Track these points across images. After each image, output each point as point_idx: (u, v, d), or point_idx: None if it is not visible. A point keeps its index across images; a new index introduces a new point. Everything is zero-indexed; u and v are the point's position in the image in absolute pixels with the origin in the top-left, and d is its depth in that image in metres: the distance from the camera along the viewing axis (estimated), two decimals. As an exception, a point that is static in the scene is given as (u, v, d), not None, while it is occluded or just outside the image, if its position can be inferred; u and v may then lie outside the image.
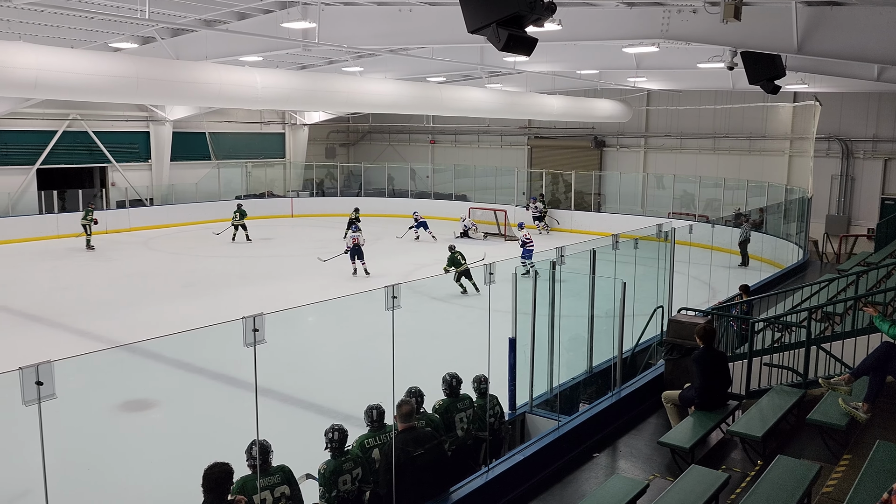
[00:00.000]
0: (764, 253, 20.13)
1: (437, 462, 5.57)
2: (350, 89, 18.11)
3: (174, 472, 7.61)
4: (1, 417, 8.44)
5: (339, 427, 5.39)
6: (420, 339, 12.34)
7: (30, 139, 25.43)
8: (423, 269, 19.19)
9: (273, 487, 4.88)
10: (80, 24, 16.19)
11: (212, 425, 9.11)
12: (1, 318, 14.26)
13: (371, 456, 5.61)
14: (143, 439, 9.15)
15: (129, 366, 11.08)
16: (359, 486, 5.39)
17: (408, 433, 5.46)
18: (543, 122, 30.50)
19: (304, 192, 33.53)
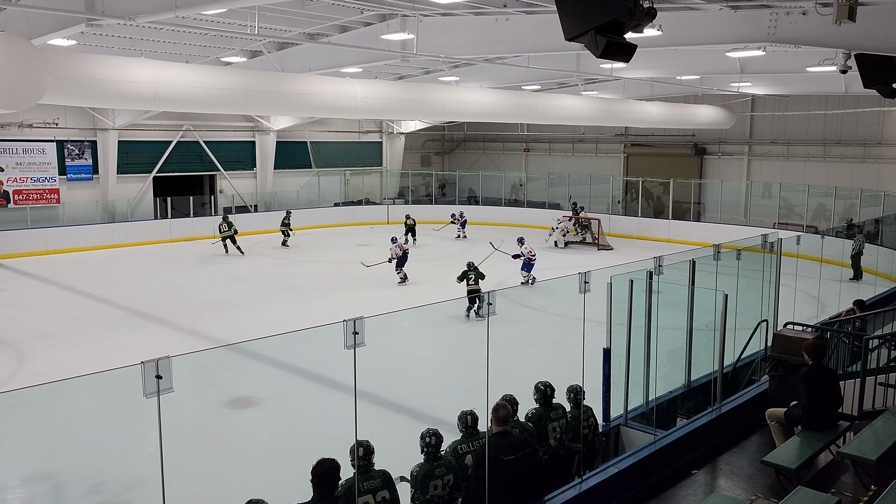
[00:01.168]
0: (879, 266, 18.96)
1: (530, 468, 5.56)
2: (446, 98, 18.36)
3: (276, 468, 7.93)
4: (120, 409, 9.04)
5: (435, 431, 5.46)
6: (512, 346, 12.34)
7: (147, 149, 27.12)
8: (516, 278, 19.15)
9: (375, 491, 4.96)
10: (195, 40, 17.15)
11: (311, 425, 9.42)
12: (122, 317, 15.24)
13: (464, 462, 5.66)
14: (246, 435, 9.56)
15: (234, 364, 11.62)
16: (450, 492, 5.43)
17: (502, 437, 5.48)
18: (641, 129, 29.90)
19: (399, 199, 34.16)
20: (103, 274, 19.95)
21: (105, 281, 18.93)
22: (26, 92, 10.62)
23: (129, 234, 24.87)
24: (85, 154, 25.61)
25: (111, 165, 25.78)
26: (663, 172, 28.81)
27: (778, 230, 18.58)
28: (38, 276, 19.67)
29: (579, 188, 31.58)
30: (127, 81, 12.52)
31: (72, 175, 25.36)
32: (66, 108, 24.05)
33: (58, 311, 15.67)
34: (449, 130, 36.23)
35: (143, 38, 16.69)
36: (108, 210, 25.99)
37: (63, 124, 24.44)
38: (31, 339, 13.35)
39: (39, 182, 24.51)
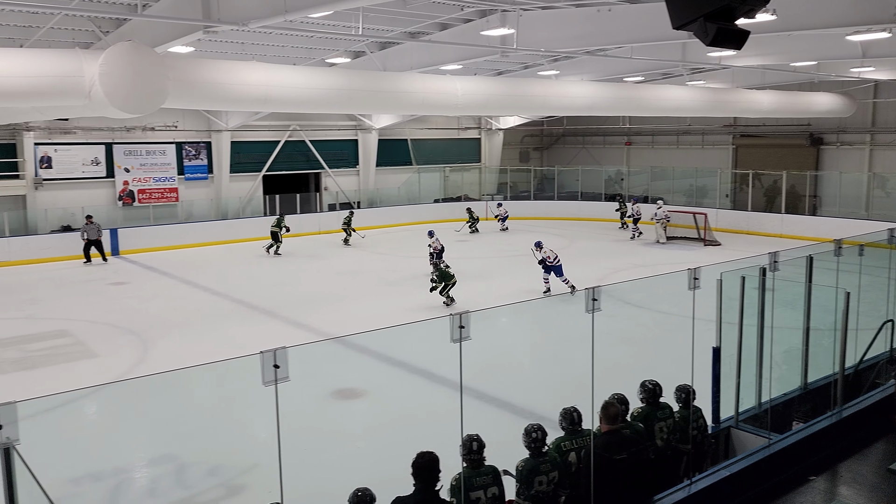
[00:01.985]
0: None
1: (639, 468, 5.46)
2: (546, 93, 18.22)
3: (380, 459, 8.13)
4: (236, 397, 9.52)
5: (540, 427, 5.44)
6: (615, 344, 12.13)
7: (257, 149, 28.37)
8: (618, 273, 18.81)
9: (486, 487, 4.98)
10: (302, 42, 17.78)
11: (414, 418, 9.60)
12: (235, 309, 16.03)
13: (568, 459, 5.61)
14: (352, 426, 9.86)
15: (340, 356, 11.99)
16: (554, 489, 5.41)
17: (611, 436, 5.41)
18: (751, 120, 28.59)
19: (498, 195, 34.16)
20: (218, 268, 21.02)
21: (219, 275, 19.93)
22: (151, 97, 11.33)
23: (240, 230, 26.07)
24: (201, 154, 27.07)
25: (224, 165, 27.14)
26: (776, 164, 27.48)
27: (904, 225, 17.36)
28: (159, 269, 20.95)
29: (684, 182, 30.60)
30: (240, 84, 13.12)
31: (189, 175, 26.88)
32: (184, 112, 25.50)
33: (177, 303, 16.65)
34: (548, 125, 35.89)
35: (254, 42, 17.45)
36: (221, 208, 27.36)
37: (181, 127, 25.93)
38: (154, 328, 14.24)
39: (160, 182, 26.11)
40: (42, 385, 10.77)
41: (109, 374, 11.50)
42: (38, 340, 13.58)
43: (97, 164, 24.90)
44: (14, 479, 3.41)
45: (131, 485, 8.20)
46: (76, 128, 23.99)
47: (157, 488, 8.05)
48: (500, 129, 34.57)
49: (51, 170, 23.98)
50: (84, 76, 10.92)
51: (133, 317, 15.19)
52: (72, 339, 13.62)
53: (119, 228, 23.96)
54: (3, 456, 3.31)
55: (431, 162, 33.34)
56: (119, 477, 8.27)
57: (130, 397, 10.12)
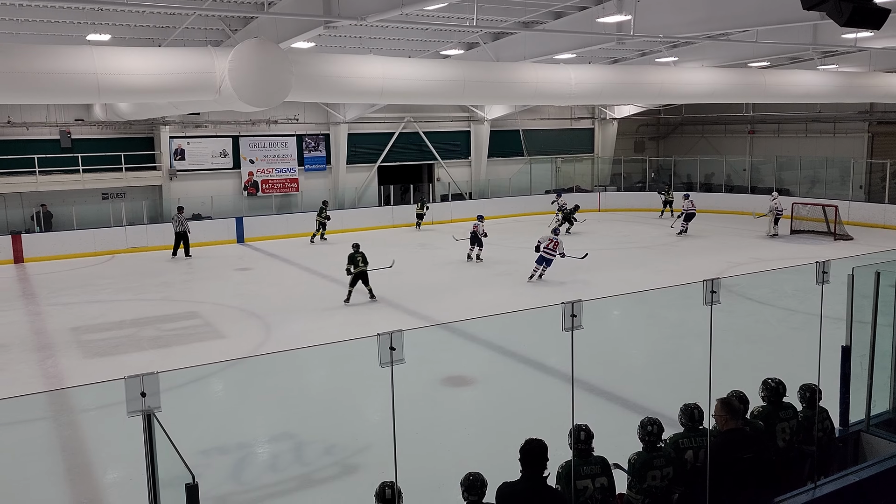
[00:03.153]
0: None
1: (761, 468, 5.27)
2: (664, 80, 17.68)
3: (488, 446, 8.22)
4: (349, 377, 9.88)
5: (656, 420, 5.34)
6: (734, 340, 11.66)
7: (373, 140, 29.14)
8: (737, 268, 18.04)
9: (594, 477, 4.97)
10: (417, 35, 18.08)
11: (523, 406, 9.62)
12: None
13: (684, 457, 5.48)
14: (460, 412, 10.01)
15: (450, 344, 12.18)
16: (668, 485, 5.30)
17: (733, 434, 5.24)
18: (890, 106, 26.55)
19: (611, 186, 33.47)
20: (334, 256, 21.75)
21: (335, 263, 20.63)
22: (276, 91, 11.90)
23: (356, 219, 26.90)
24: (319, 146, 28.12)
25: (342, 156, 28.07)
26: (917, 153, 25.44)
27: None
28: (280, 256, 21.98)
29: (812, 172, 28.87)
30: (358, 77, 13.54)
31: (308, 166, 28.00)
32: (305, 105, 26.56)
33: (297, 289, 17.42)
34: (665, 114, 34.73)
35: (371, 36, 17.91)
36: (338, 198, 28.32)
37: (302, 120, 27.01)
38: (276, 312, 14.97)
39: (282, 173, 27.35)
40: (176, 362, 11.58)
41: (236, 353, 12.23)
42: (172, 321, 14.60)
43: (225, 156, 26.38)
44: (154, 444, 3.73)
45: (254, 459, 8.70)
46: (206, 122, 25.50)
47: (278, 464, 8.48)
48: (615, 119, 33.81)
49: (184, 161, 25.64)
50: (215, 72, 11.62)
51: (257, 301, 16.02)
52: (202, 320, 14.55)
53: (244, 217, 25.32)
54: (146, 421, 3.63)
55: (543, 152, 33.07)
56: (243, 451, 8.79)
57: (254, 376, 10.72)
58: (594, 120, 34.30)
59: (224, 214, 25.64)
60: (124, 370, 3.75)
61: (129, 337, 13.46)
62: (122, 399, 3.50)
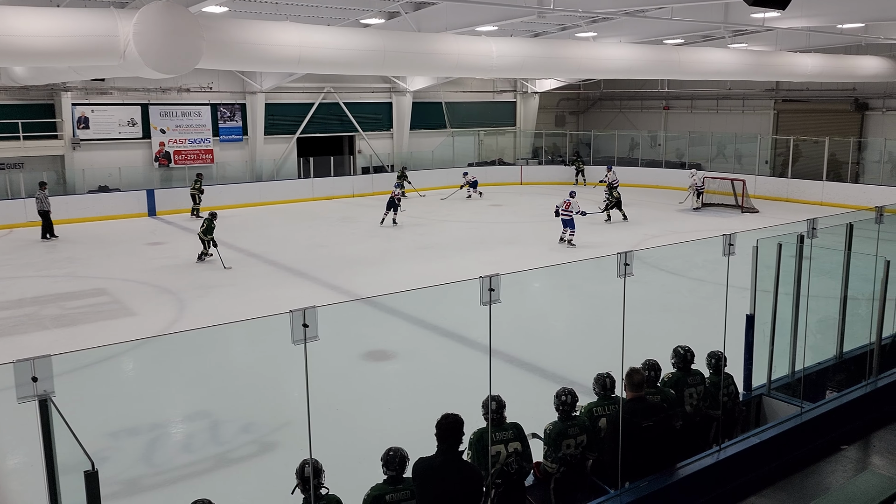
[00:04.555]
0: None
1: (666, 435, 5.45)
2: (583, 55, 17.87)
3: (409, 419, 8.22)
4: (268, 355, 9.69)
5: (570, 391, 5.46)
6: (649, 310, 12.04)
7: (292, 111, 28.41)
8: (652, 240, 18.61)
9: (507, 442, 5.08)
10: (336, 2, 17.63)
11: (444, 379, 9.69)
12: (269, 271, 16.23)
13: (598, 425, 5.62)
14: (382, 387, 9.98)
15: (371, 318, 12.10)
16: (582, 451, 5.43)
17: (636, 403, 5.39)
18: (794, 84, 27.77)
19: (533, 159, 33.85)
20: (252, 230, 21.26)
21: (254, 237, 20.17)
22: (185, 57, 11.36)
23: (274, 192, 26.29)
24: (235, 116, 27.21)
25: (259, 127, 27.26)
26: (818, 130, 26.71)
27: (952, 193, 16.80)
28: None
29: (723, 147, 29.98)
30: (273, 45, 13.09)
31: (224, 136, 27.07)
32: (219, 73, 25.60)
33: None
34: (584, 89, 35.27)
35: (288, 2, 17.35)
36: (255, 170, 27.57)
37: (216, 88, 26.04)
38: (191, 288, 14.51)
39: (196, 143, 26.36)
40: (81, 341, 11.08)
41: (146, 331, 11.78)
42: (77, 298, 13.93)
43: (133, 125, 25.18)
44: (52, 430, 3.51)
45: (167, 440, 8.44)
46: (112, 88, 24.24)
47: (192, 444, 8.26)
48: (536, 93, 34.10)
49: (88, 130, 24.33)
50: (119, 36, 10.99)
51: (169, 276, 15.48)
52: (110, 297, 13.95)
53: (156, 189, 24.33)
54: (40, 408, 3.41)
55: (466, 125, 33.08)
56: (155, 432, 8.51)
57: (167, 354, 10.36)
58: (516, 93, 34.50)
59: (133, 186, 24.55)
60: (24, 351, 3.53)
61: (29, 316, 12.77)
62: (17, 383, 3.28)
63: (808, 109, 28.63)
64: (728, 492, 5.62)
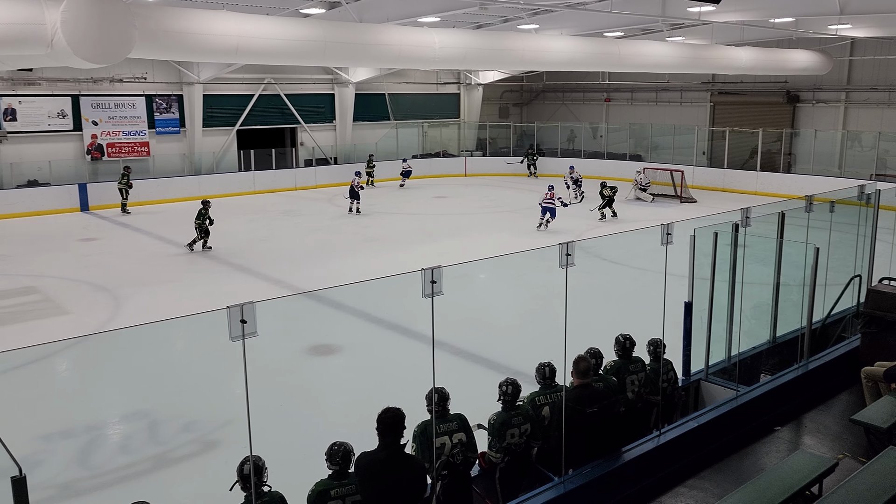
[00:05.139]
0: None
1: (610, 421, 5.54)
2: (525, 47, 17.95)
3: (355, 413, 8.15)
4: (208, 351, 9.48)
5: (513, 381, 5.49)
6: (593, 299, 12.22)
7: (231, 103, 27.79)
8: (595, 230, 18.90)
9: (451, 433, 5.09)
10: (275, -8, 17.28)
11: (389, 372, 9.64)
12: (209, 266, 15.88)
13: (541, 413, 5.68)
14: (327, 381, 9.88)
15: (316, 313, 11.96)
16: (527, 440, 5.48)
17: (582, 390, 5.47)
18: (729, 77, 28.53)
19: (477, 151, 33.96)
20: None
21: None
22: (116, 46, 10.96)
23: (214, 185, 25.71)
24: (172, 108, 26.48)
25: (197, 119, 26.59)
26: (752, 122, 27.54)
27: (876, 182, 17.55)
28: (131, 225, 20.65)
29: (662, 139, 30.62)
30: (210, 34, 12.76)
31: (160, 128, 26.32)
32: (154, 63, 24.85)
33: (150, 260, 16.45)
34: (527, 81, 35.53)
35: (225, -9, 16.94)
36: (194, 163, 26.91)
37: (151, 79, 25.29)
38: (127, 285, 14.08)
39: (130, 136, 25.56)
40: (11, 342, 10.62)
41: (80, 330, 11.39)
42: (6, 297, 13.38)
43: (63, 117, 24.26)
44: (-24, 435, 3.35)
45: (103, 442, 8.18)
46: (40, 79, 23.30)
47: (130, 445, 8.03)
48: (480, 85, 34.19)
49: (15, 122, 23.34)
50: (46, 24, 10.53)
51: (104, 273, 15.00)
52: (41, 295, 13.44)
53: (88, 183, 23.52)
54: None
55: (410, 117, 32.95)
56: (91, 434, 8.24)
57: (102, 354, 10.04)
58: (460, 85, 34.52)
59: (64, 181, 23.67)
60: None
61: (-45, 316, 12.22)
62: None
63: (742, 102, 29.49)
64: (668, 475, 5.75)
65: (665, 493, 5.58)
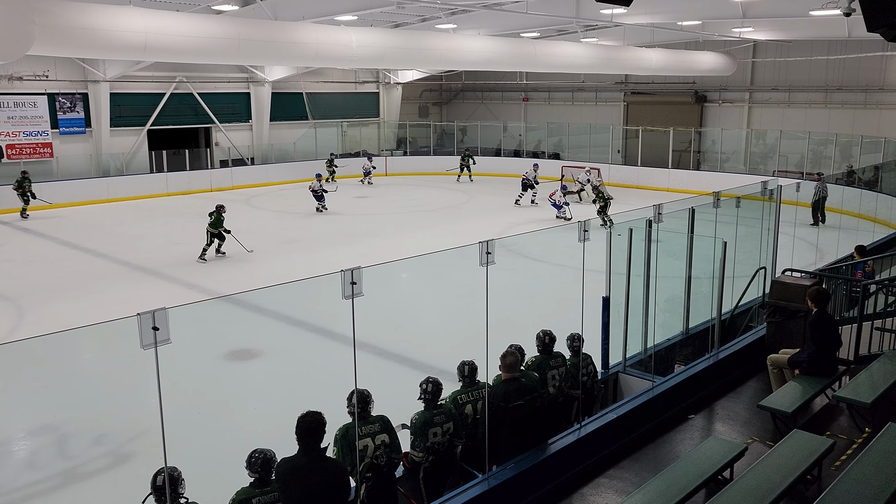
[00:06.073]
0: (878, 213, 18.93)
1: (535, 414, 5.61)
2: (443, 46, 18.03)
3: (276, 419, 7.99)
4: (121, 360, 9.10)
5: (433, 380, 5.50)
6: (514, 296, 12.38)
7: (141, 102, 26.75)
8: (516, 228, 19.15)
9: (374, 435, 5.04)
10: (185, -12, 16.74)
11: (312, 376, 9.50)
12: (119, 271, 15.24)
13: (464, 411, 5.70)
14: (247, 387, 9.64)
15: (234, 317, 11.65)
16: (450, 439, 5.50)
17: (510, 384, 5.52)
18: (641, 78, 29.48)
19: (397, 150, 33.88)
20: (100, 229, 19.90)
21: (102, 236, 18.89)
22: (14, 44, 10.40)
23: (124, 188, 24.73)
24: (77, 107, 25.26)
25: (104, 118, 25.45)
26: (664, 121, 28.53)
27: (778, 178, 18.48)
28: (35, 231, 19.61)
29: (579, 137, 31.33)
30: (116, 31, 12.26)
31: (64, 129, 25.05)
32: (56, 60, 23.67)
33: (56, 266, 15.67)
34: (447, 80, 35.72)
35: (132, -14, 16.28)
36: (102, 164, 25.77)
37: (53, 76, 24.07)
38: (31, 293, 13.37)
39: (32, 136, 24.24)
40: None
41: (-20, 342, 10.72)
42: None
43: (-42, 117, 22.82)
44: None
45: (8, 458, 7.74)
46: (-68, 76, 21.86)
47: (37, 461, 7.63)
48: (399, 84, 34.12)
49: None
50: (-66, 17, 9.89)
51: (7, 282, 14.19)
52: (-64, 306, 12.61)
53: (-13, 187, 22.21)
54: None
55: (328, 116, 32.55)
56: (-6, 451, 7.78)
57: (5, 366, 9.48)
58: (379, 84, 34.35)
59: (-39, 184, 22.27)
60: None
61: None
62: None
63: (654, 101, 30.50)
64: (589, 467, 5.88)
65: (586, 485, 5.70)
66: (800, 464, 5.04)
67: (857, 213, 19.09)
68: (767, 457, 5.17)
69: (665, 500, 4.72)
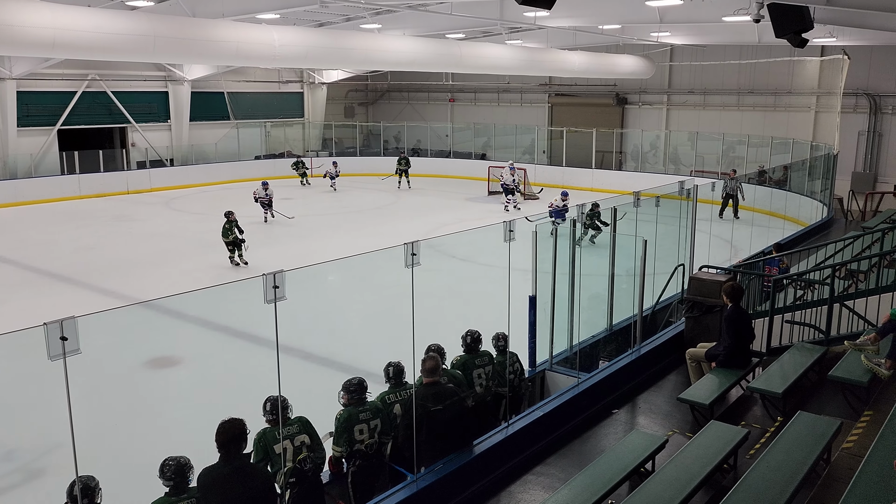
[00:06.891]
0: (788, 211, 19.85)
1: (458, 417, 5.61)
2: (368, 46, 17.90)
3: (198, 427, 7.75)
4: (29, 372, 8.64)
5: (357, 378, 5.46)
6: (441, 297, 12.39)
7: (50, 100, 25.51)
8: (444, 228, 19.19)
9: (293, 437, 4.97)
10: (97, -18, 16.04)
11: (235, 382, 9.25)
12: (28, 278, 14.50)
13: (392, 411, 5.66)
14: (167, 396, 9.32)
15: (153, 324, 11.25)
16: (378, 438, 5.44)
17: (430, 388, 5.50)
18: (564, 80, 30.03)
19: (323, 151, 33.46)
20: (7, 233, 18.89)
21: (9, 241, 17.94)
22: None
23: (33, 190, 23.55)
24: (-20, 106, 23.88)
25: (10, 118, 24.16)
26: (587, 122, 29.14)
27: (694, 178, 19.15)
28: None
29: (505, 138, 31.67)
30: (21, 26, 11.63)
31: (-33, 128, 23.67)
32: (-43, 56, 22.35)
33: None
34: (372, 80, 35.50)
35: (39, -22, 15.51)
36: (8, 166, 24.47)
37: (-47, 73, 22.72)
38: (-70, 303, 12.58)
39: (-69, 136, 22.81)
40: None
41: None
42: None
43: None
44: None
45: None
46: None
47: (-62, 481, 7.15)
48: (324, 84, 33.71)
49: None
50: None
51: None
52: None
53: None
54: None
55: (251, 116, 31.84)
56: None
57: None
58: (303, 84, 33.84)
59: None
60: None
61: None
62: None
63: (577, 103, 31.13)
64: (517, 464, 5.94)
65: (514, 482, 5.75)
66: (716, 454, 5.21)
67: (769, 211, 19.96)
68: (686, 448, 5.33)
69: (590, 494, 4.80)
